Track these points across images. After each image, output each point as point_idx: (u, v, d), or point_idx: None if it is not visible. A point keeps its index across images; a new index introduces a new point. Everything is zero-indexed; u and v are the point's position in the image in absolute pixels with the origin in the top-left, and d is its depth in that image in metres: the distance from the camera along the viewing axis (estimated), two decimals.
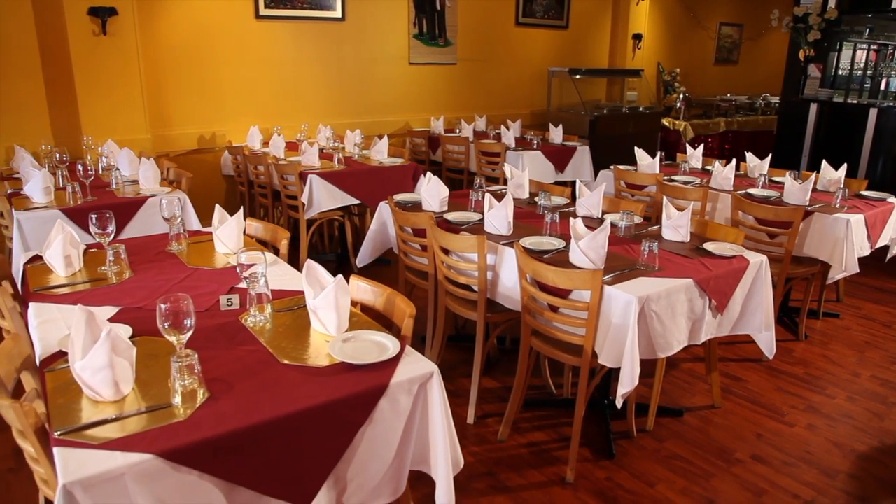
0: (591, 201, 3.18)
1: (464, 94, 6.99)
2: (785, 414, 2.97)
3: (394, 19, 6.28)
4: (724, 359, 3.47)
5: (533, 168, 5.25)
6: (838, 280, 3.90)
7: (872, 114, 5.78)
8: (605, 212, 3.22)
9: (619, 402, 2.28)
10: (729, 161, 4.22)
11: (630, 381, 2.18)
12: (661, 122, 7.82)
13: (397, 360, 1.66)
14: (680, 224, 2.80)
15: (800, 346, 3.68)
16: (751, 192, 3.90)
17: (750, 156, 4.60)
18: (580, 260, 2.42)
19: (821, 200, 3.74)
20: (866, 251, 3.60)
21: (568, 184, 5.01)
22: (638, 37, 8.09)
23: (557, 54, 7.68)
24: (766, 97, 9.00)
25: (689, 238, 2.81)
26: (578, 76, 7.37)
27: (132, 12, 4.73)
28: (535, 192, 3.61)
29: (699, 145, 5.20)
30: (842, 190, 3.67)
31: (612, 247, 2.61)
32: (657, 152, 4.65)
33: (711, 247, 2.68)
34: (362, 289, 2.08)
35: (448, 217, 3.07)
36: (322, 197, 4.25)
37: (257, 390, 1.53)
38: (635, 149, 4.66)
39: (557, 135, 5.81)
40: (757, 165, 4.48)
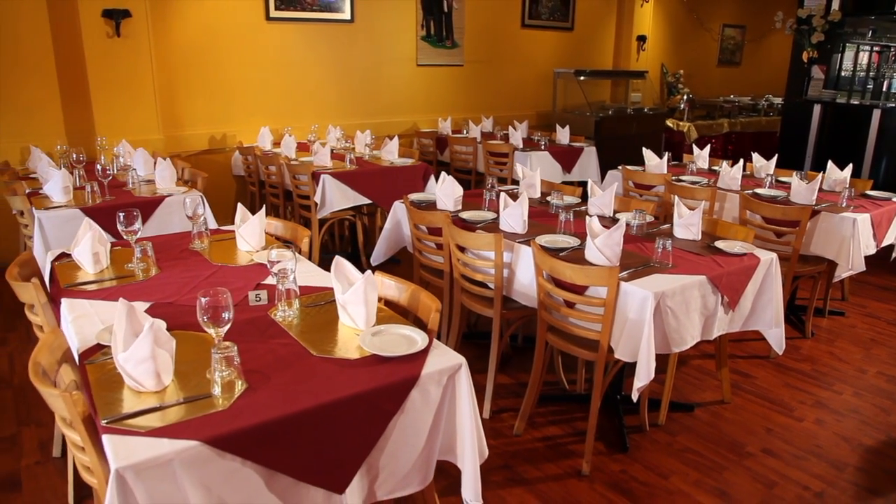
0: (603, 201, 3.23)
1: (471, 95, 7.06)
2: (793, 409, 3.03)
3: (402, 21, 6.35)
4: (733, 356, 3.53)
5: (541, 169, 5.28)
6: (844, 279, 3.96)
7: (876, 115, 5.84)
8: (616, 211, 3.28)
9: (636, 395, 2.34)
10: (734, 162, 4.28)
11: (646, 374, 2.24)
12: (665, 124, 7.88)
13: (426, 353, 1.72)
14: (691, 223, 2.86)
15: (806, 343, 3.74)
16: (758, 191, 3.96)
17: (756, 156, 4.66)
18: (596, 257, 2.48)
19: (827, 200, 3.80)
20: (872, 250, 3.65)
21: (575, 184, 5.07)
22: (642, 38, 8.16)
23: (563, 56, 7.75)
24: (768, 98, 9.07)
25: (701, 236, 2.87)
26: (583, 77, 7.43)
27: (145, 14, 4.80)
28: (547, 192, 3.67)
29: (704, 146, 5.26)
30: (848, 190, 3.72)
31: (626, 245, 2.66)
32: (663, 153, 4.71)
33: (722, 245, 2.74)
34: (387, 284, 2.13)
35: (463, 216, 3.13)
36: (334, 197, 4.31)
37: (293, 381, 1.59)
38: (643, 149, 4.72)
39: (564, 135, 5.87)
40: (763, 166, 4.54)
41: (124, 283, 2.27)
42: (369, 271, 1.87)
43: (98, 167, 3.56)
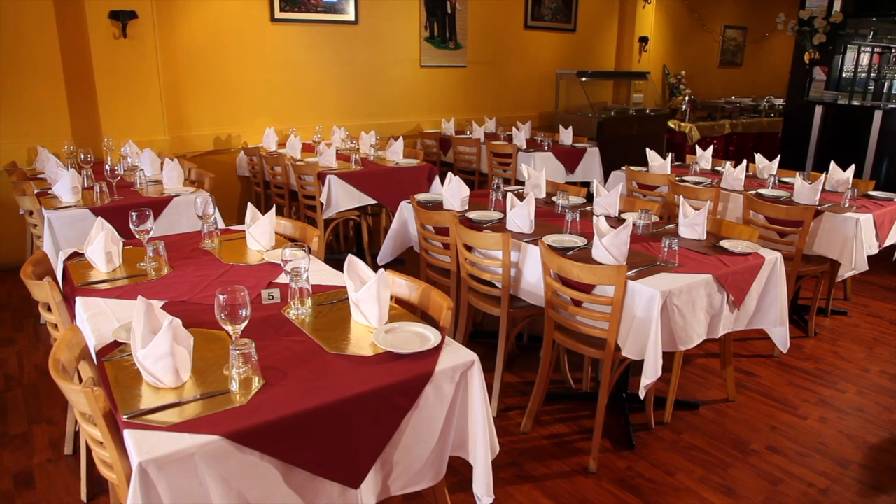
0: (609, 201, 3.26)
1: (474, 96, 7.09)
2: (797, 407, 3.05)
3: (405, 22, 6.38)
4: (737, 354, 3.55)
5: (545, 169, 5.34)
6: (846, 278, 3.99)
7: (877, 116, 5.87)
8: (621, 211, 3.30)
9: (643, 392, 2.37)
10: (737, 162, 4.30)
11: (654, 372, 2.27)
12: (666, 125, 7.91)
13: (439, 350, 1.74)
14: (696, 222, 2.89)
15: (809, 342, 3.77)
16: (761, 192, 3.98)
17: (759, 157, 4.69)
18: (603, 256, 2.51)
19: (830, 200, 3.83)
20: (875, 250, 3.68)
21: (579, 184, 5.10)
22: (644, 40, 8.20)
23: (565, 57, 7.78)
24: (769, 99, 9.11)
25: (706, 236, 2.90)
26: (586, 78, 7.46)
27: (152, 15, 4.83)
28: (552, 192, 3.70)
29: (706, 147, 5.29)
30: (850, 190, 3.75)
31: (632, 244, 2.69)
32: (666, 154, 4.74)
33: (727, 244, 2.77)
34: (397, 283, 2.16)
35: (470, 216, 3.16)
36: (340, 197, 4.34)
37: (309, 378, 1.62)
38: (647, 150, 4.75)
39: (567, 136, 5.90)
40: (766, 166, 4.57)
41: (137, 282, 2.29)
42: (382, 270, 1.90)
43: (107, 167, 3.59)
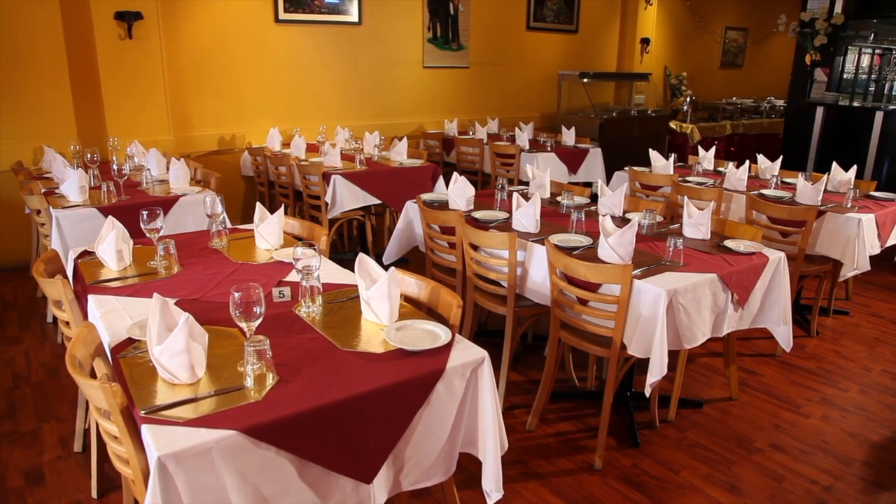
0: (613, 201, 3.29)
1: (476, 96, 7.12)
2: (800, 406, 3.08)
3: (409, 23, 6.41)
4: (739, 353, 3.58)
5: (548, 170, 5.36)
6: (848, 278, 4.01)
7: (878, 117, 5.90)
8: (625, 211, 3.33)
9: (648, 390, 2.39)
10: (738, 163, 4.33)
11: (659, 370, 2.29)
12: (668, 125, 7.94)
13: (450, 347, 1.77)
14: (701, 222, 2.91)
15: (812, 342, 3.79)
16: (764, 192, 4.01)
17: (761, 158, 4.72)
18: (609, 255, 2.53)
19: (832, 201, 3.86)
20: (876, 250, 3.71)
21: (581, 185, 5.12)
22: (646, 41, 8.23)
23: (567, 58, 7.81)
24: (770, 100, 9.14)
25: (710, 236, 2.92)
26: (587, 79, 7.49)
27: (157, 16, 4.86)
28: (557, 192, 3.73)
29: (707, 148, 5.31)
30: (852, 190, 3.78)
31: (637, 244, 2.71)
32: (668, 155, 4.77)
33: (731, 244, 2.79)
34: (407, 281, 2.18)
35: (476, 215, 3.18)
36: (345, 197, 4.36)
37: (322, 374, 1.64)
38: (650, 151, 4.78)
39: (570, 137, 5.93)
40: (768, 167, 4.59)
41: (148, 280, 2.32)
42: (393, 268, 1.93)
43: (114, 167, 3.61)
